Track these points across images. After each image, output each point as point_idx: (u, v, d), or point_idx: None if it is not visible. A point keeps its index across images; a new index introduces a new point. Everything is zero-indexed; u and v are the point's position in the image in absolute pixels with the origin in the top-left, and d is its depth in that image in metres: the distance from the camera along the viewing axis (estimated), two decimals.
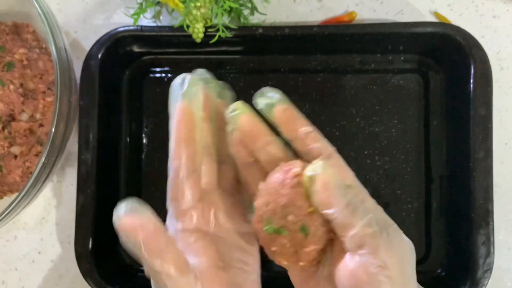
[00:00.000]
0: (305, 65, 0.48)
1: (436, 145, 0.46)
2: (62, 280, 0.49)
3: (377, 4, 0.48)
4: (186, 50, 0.48)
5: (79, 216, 0.44)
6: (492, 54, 0.46)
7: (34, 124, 0.46)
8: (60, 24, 0.43)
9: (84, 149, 0.45)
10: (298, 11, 0.49)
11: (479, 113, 0.42)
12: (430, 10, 0.48)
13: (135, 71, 0.49)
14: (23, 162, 0.46)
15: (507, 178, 0.47)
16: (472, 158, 0.42)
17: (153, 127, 0.49)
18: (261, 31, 0.45)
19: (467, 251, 0.42)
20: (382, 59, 0.47)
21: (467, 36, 0.43)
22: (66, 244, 0.49)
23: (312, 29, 0.45)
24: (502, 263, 0.46)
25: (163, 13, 0.49)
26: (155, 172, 0.48)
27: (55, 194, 0.50)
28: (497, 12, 0.48)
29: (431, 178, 0.46)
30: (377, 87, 0.47)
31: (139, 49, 0.48)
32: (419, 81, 0.47)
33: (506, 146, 0.47)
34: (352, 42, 0.45)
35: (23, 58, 0.46)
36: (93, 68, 0.45)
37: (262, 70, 0.48)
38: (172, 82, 0.37)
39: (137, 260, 0.32)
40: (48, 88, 0.47)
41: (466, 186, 0.43)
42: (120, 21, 0.49)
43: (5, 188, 0.47)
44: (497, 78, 0.46)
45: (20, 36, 0.48)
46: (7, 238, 0.50)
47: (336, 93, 0.47)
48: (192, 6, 0.41)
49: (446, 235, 0.46)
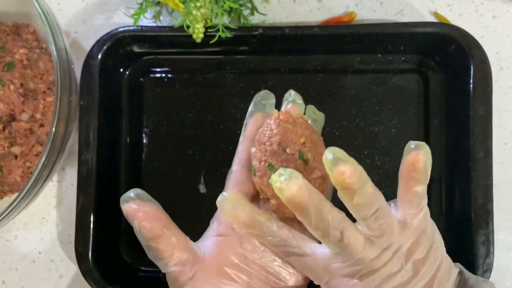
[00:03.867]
0: (305, 65, 0.48)
1: (436, 145, 0.46)
2: (62, 280, 0.49)
3: (377, 4, 0.48)
4: (186, 50, 0.48)
5: (79, 216, 0.44)
6: (491, 54, 0.46)
7: (34, 124, 0.46)
8: (60, 24, 0.43)
9: (84, 149, 0.45)
10: (298, 11, 0.49)
11: (479, 113, 0.43)
12: (430, 10, 0.48)
13: (135, 71, 0.49)
14: (23, 162, 0.46)
15: (507, 178, 0.47)
16: (472, 158, 0.42)
17: (153, 127, 0.49)
18: (261, 31, 0.45)
19: (467, 251, 0.42)
20: (382, 59, 0.47)
21: (467, 36, 0.43)
22: (66, 244, 0.49)
23: (312, 29, 0.45)
24: (502, 263, 0.46)
25: (163, 13, 0.49)
26: (155, 172, 0.48)
27: (55, 194, 0.50)
28: (497, 12, 0.48)
29: (431, 178, 0.46)
30: (377, 87, 0.47)
31: (139, 49, 0.48)
32: (419, 81, 0.47)
33: (506, 146, 0.47)
34: (352, 42, 0.45)
35: (23, 58, 0.46)
36: (93, 68, 0.45)
37: (262, 70, 0.48)
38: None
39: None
40: (48, 88, 0.47)
41: (466, 186, 0.43)
42: (120, 21, 0.50)
43: (5, 188, 0.47)
44: (496, 78, 0.46)
45: (21, 36, 0.48)
46: (7, 238, 0.50)
47: (336, 93, 0.47)
48: (192, 6, 0.41)
49: (446, 235, 0.45)
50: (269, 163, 0.35)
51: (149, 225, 0.34)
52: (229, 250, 0.35)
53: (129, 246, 0.48)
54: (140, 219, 0.34)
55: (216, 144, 0.48)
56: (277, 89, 0.48)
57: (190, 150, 0.48)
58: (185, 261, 0.34)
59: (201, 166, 0.48)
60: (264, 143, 0.36)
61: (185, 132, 0.48)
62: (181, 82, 0.49)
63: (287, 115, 0.36)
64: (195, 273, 0.34)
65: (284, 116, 0.36)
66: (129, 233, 0.48)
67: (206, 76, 0.49)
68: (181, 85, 0.49)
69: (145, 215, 0.34)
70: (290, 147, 0.35)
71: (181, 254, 0.34)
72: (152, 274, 0.48)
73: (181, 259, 0.34)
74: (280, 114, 0.36)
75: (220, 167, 0.48)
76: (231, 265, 0.34)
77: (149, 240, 0.34)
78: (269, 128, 0.36)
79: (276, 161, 0.35)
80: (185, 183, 0.48)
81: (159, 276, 0.47)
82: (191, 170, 0.48)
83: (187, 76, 0.49)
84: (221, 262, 0.35)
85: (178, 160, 0.48)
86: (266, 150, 0.35)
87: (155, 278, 0.47)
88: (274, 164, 0.35)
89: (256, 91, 0.48)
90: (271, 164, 0.35)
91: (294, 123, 0.36)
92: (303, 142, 0.35)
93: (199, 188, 0.48)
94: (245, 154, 0.38)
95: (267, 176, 0.35)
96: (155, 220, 0.34)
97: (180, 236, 0.35)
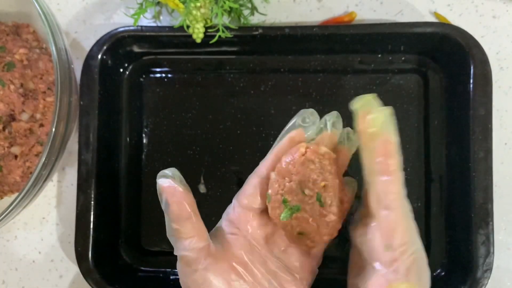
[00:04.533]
0: (305, 65, 0.48)
1: (436, 145, 0.46)
2: (62, 280, 0.49)
3: (377, 4, 0.48)
4: (186, 50, 0.48)
5: (79, 216, 0.44)
6: (491, 54, 0.46)
7: (34, 124, 0.46)
8: (60, 24, 0.43)
9: (84, 149, 0.45)
10: (298, 11, 0.49)
11: (479, 113, 0.42)
12: (430, 10, 0.48)
13: (135, 71, 0.49)
14: (23, 162, 0.46)
15: (507, 178, 0.47)
16: (472, 158, 0.42)
17: (153, 127, 0.49)
18: (261, 31, 0.45)
19: (467, 251, 0.42)
20: (382, 59, 0.47)
21: (467, 36, 0.43)
22: (66, 244, 0.49)
23: (312, 29, 0.45)
24: (501, 263, 0.46)
25: (163, 13, 0.49)
26: (155, 172, 0.48)
27: (55, 194, 0.50)
28: (497, 12, 0.48)
29: (431, 178, 0.46)
30: (377, 87, 0.47)
31: (139, 49, 0.48)
32: (419, 81, 0.47)
33: (506, 146, 0.47)
34: (352, 42, 0.45)
35: (23, 58, 0.46)
36: (93, 68, 0.45)
37: (262, 70, 0.48)
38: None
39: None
40: (48, 88, 0.47)
41: (466, 186, 0.43)
42: (120, 21, 0.50)
43: (5, 188, 0.47)
44: (496, 78, 0.46)
45: (21, 36, 0.48)
46: (7, 238, 0.50)
47: (336, 93, 0.47)
48: (192, 6, 0.41)
49: (446, 235, 0.46)
50: (284, 199, 0.35)
51: (179, 205, 0.35)
52: (239, 249, 0.36)
53: (129, 246, 0.48)
54: (172, 197, 0.35)
55: (216, 144, 0.48)
56: (277, 89, 0.48)
57: (190, 150, 0.48)
58: (201, 249, 0.35)
59: (201, 166, 0.48)
60: (284, 178, 0.35)
61: (185, 132, 0.48)
62: (181, 82, 0.49)
63: (314, 153, 0.35)
64: (207, 264, 0.35)
65: (310, 153, 0.35)
66: (129, 233, 0.48)
67: (206, 76, 0.49)
68: (181, 85, 0.49)
69: (178, 195, 0.35)
70: (309, 188, 0.35)
71: (200, 241, 0.35)
72: (152, 274, 0.48)
73: (198, 246, 0.35)
74: (308, 150, 0.35)
75: (220, 167, 0.48)
76: (240, 263, 0.36)
77: (176, 220, 0.35)
78: (292, 162, 0.35)
79: (292, 199, 0.35)
80: None
81: (159, 276, 0.47)
82: (191, 170, 0.48)
83: (187, 76, 0.49)
84: (231, 258, 0.36)
85: (178, 160, 0.48)
86: (284, 185, 0.35)
87: (155, 278, 0.47)
88: (289, 201, 0.35)
89: (256, 91, 0.48)
90: (286, 200, 0.35)
91: (320, 163, 0.35)
92: (323, 186, 0.35)
93: (199, 188, 0.48)
94: (264, 170, 0.38)
95: (280, 209, 0.35)
96: (186, 203, 0.35)
97: (202, 225, 0.36)
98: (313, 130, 0.38)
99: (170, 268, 0.47)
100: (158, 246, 0.48)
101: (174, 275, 0.47)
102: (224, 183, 0.47)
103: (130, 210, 0.48)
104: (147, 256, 0.48)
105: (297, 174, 0.35)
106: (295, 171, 0.35)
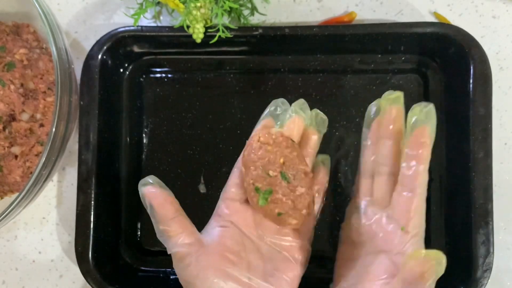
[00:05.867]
0: (305, 65, 0.48)
1: (436, 145, 0.46)
2: (62, 280, 0.49)
3: (377, 4, 0.48)
4: (186, 50, 0.48)
5: (79, 216, 0.44)
6: (491, 54, 0.46)
7: (34, 124, 0.46)
8: (60, 24, 0.43)
9: (84, 149, 0.45)
10: (298, 11, 0.49)
11: (478, 113, 0.43)
12: (429, 10, 0.48)
13: (135, 71, 0.49)
14: (23, 162, 0.46)
15: (507, 178, 0.47)
16: (472, 158, 0.42)
17: (153, 127, 0.49)
18: (261, 31, 0.45)
19: (466, 251, 0.42)
20: (382, 59, 0.47)
21: (467, 36, 0.43)
22: (66, 244, 0.49)
23: (312, 29, 0.45)
24: (501, 263, 0.46)
25: (163, 13, 0.49)
26: (155, 172, 0.48)
27: (55, 194, 0.50)
28: (497, 12, 0.48)
29: (430, 178, 0.46)
30: (377, 87, 0.47)
31: (139, 49, 0.48)
32: (419, 81, 0.47)
33: (505, 146, 0.47)
34: (352, 42, 0.45)
35: (23, 58, 0.46)
36: (93, 68, 0.45)
37: (262, 70, 0.48)
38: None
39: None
40: (48, 88, 0.47)
41: (466, 186, 0.43)
42: (120, 21, 0.50)
43: (5, 188, 0.47)
44: (496, 78, 0.46)
45: (21, 36, 0.48)
46: (8, 238, 0.50)
47: (336, 93, 0.47)
48: (192, 6, 0.41)
49: (445, 235, 0.46)
50: (256, 187, 0.37)
51: (164, 208, 0.37)
52: (230, 239, 0.37)
53: (129, 246, 0.48)
54: (157, 201, 0.37)
55: (216, 144, 0.48)
56: (277, 89, 0.48)
57: (190, 150, 0.48)
58: (191, 244, 0.37)
59: (201, 166, 0.48)
60: (249, 167, 0.37)
61: (185, 132, 0.48)
62: (181, 82, 0.49)
63: (267, 137, 0.38)
64: (199, 256, 0.36)
65: (264, 138, 0.38)
66: (129, 233, 0.48)
67: (206, 76, 0.49)
68: (181, 85, 0.49)
69: (160, 197, 0.38)
70: (272, 169, 0.37)
71: (188, 237, 0.37)
72: (152, 274, 0.48)
73: (188, 241, 0.37)
74: (261, 136, 0.38)
75: (220, 167, 0.48)
76: (232, 252, 0.37)
77: (162, 221, 0.37)
78: (252, 151, 0.38)
79: (262, 185, 0.37)
80: (185, 183, 0.48)
81: (159, 276, 0.47)
82: (191, 170, 0.48)
83: (187, 76, 0.49)
84: (223, 249, 0.37)
85: (178, 160, 0.48)
86: (252, 174, 0.37)
87: (155, 278, 0.47)
88: (260, 187, 0.37)
89: (256, 91, 0.48)
90: (258, 187, 0.37)
91: (274, 144, 0.38)
92: (282, 162, 0.37)
93: (199, 188, 0.48)
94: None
95: (256, 197, 0.37)
96: (170, 205, 0.38)
97: (189, 222, 0.38)
98: (284, 117, 0.40)
99: (170, 268, 0.47)
100: (158, 246, 0.48)
101: (174, 275, 0.47)
102: (224, 183, 0.47)
103: (130, 210, 0.48)
104: (147, 256, 0.48)
105: (259, 160, 0.37)
106: (257, 158, 0.37)
